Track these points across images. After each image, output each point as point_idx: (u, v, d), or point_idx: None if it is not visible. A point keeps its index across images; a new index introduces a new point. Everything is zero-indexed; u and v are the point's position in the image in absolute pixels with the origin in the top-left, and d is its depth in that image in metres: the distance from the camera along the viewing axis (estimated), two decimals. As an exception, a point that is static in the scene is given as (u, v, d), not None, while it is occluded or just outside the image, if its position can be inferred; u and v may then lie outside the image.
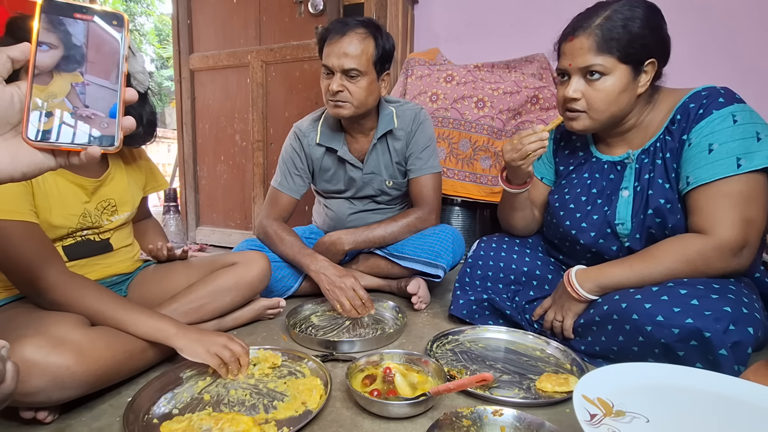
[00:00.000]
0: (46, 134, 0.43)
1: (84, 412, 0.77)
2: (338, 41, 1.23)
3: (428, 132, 1.41)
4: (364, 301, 1.16)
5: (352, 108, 1.27)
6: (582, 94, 0.97)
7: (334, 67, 1.23)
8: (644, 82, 0.96)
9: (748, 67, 1.83)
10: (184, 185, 2.55)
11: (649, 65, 0.94)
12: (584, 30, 0.94)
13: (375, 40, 1.25)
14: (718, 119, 0.90)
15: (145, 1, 12.31)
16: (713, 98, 0.92)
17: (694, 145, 0.92)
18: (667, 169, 0.97)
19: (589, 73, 0.95)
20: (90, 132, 0.45)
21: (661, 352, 0.84)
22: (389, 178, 1.44)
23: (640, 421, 0.58)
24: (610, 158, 1.08)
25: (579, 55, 0.95)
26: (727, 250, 0.86)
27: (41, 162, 0.44)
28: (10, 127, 0.43)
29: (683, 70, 1.85)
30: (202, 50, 2.39)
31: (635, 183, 1.02)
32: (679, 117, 0.96)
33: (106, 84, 0.46)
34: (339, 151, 1.40)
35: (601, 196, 1.08)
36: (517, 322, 1.11)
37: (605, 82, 0.94)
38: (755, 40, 1.82)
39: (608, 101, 0.96)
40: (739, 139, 0.87)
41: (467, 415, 0.71)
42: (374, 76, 1.27)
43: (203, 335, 0.87)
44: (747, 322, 0.78)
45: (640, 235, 1.00)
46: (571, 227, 1.09)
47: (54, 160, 0.45)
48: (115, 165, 1.04)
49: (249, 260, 1.18)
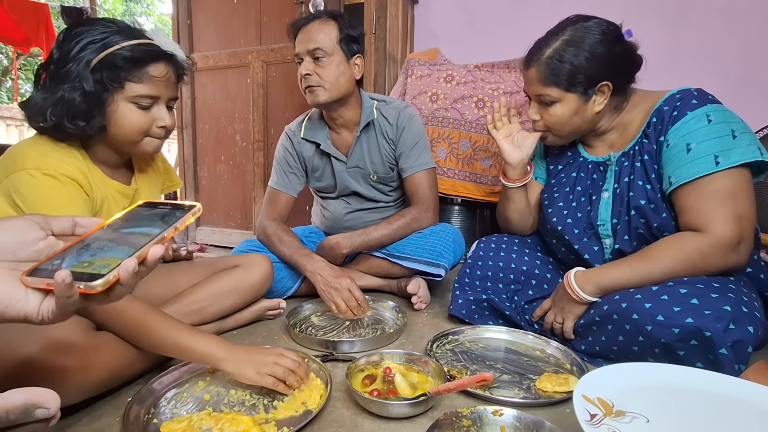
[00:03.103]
0: (41, 272, 0.40)
1: (84, 412, 0.77)
2: (304, 29, 1.29)
3: (415, 129, 1.41)
4: (360, 303, 1.16)
5: (325, 92, 1.29)
6: (540, 116, 1.08)
7: (301, 53, 1.28)
8: (600, 101, 1.02)
9: (746, 68, 1.83)
10: (185, 185, 2.55)
11: (604, 87, 0.99)
12: (535, 63, 1.03)
13: (337, 23, 1.29)
14: (692, 120, 0.93)
15: (145, 1, 12.32)
16: (686, 100, 0.95)
17: (672, 146, 0.94)
18: (647, 171, 1.00)
19: (541, 100, 1.05)
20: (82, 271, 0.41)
21: (662, 352, 0.84)
22: (374, 172, 1.44)
23: (640, 421, 0.58)
24: (595, 158, 1.12)
25: (532, 84, 1.06)
26: (725, 247, 0.87)
27: (20, 299, 0.40)
28: (12, 258, 0.42)
29: (682, 70, 1.86)
30: (203, 50, 2.39)
31: (615, 185, 1.05)
32: (655, 120, 0.99)
33: (131, 248, 0.43)
34: (322, 145, 1.41)
35: (585, 194, 1.11)
36: (517, 322, 1.11)
37: (556, 108, 1.04)
38: (754, 41, 1.82)
39: (562, 123, 1.06)
40: (715, 137, 0.90)
41: (467, 415, 0.71)
42: (342, 57, 1.29)
43: (252, 356, 0.82)
44: (747, 320, 0.78)
45: (628, 237, 1.02)
46: (557, 224, 1.12)
47: (39, 300, 0.40)
48: (139, 171, 1.04)
49: (251, 263, 1.18)
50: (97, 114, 0.84)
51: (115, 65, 0.82)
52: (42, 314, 0.40)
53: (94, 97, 0.82)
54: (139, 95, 0.86)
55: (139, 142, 0.91)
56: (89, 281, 0.39)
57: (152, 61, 0.86)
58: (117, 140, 0.89)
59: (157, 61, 0.87)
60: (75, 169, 0.84)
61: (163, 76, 0.88)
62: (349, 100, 1.36)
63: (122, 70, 0.83)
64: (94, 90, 0.82)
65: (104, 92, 0.83)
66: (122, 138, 0.89)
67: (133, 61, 0.83)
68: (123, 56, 0.82)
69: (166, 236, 0.45)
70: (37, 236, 0.44)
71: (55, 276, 0.38)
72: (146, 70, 0.85)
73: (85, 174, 0.86)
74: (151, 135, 0.91)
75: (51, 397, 0.40)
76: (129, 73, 0.84)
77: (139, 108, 0.87)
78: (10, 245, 0.42)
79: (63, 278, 0.38)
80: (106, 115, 0.85)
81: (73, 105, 0.81)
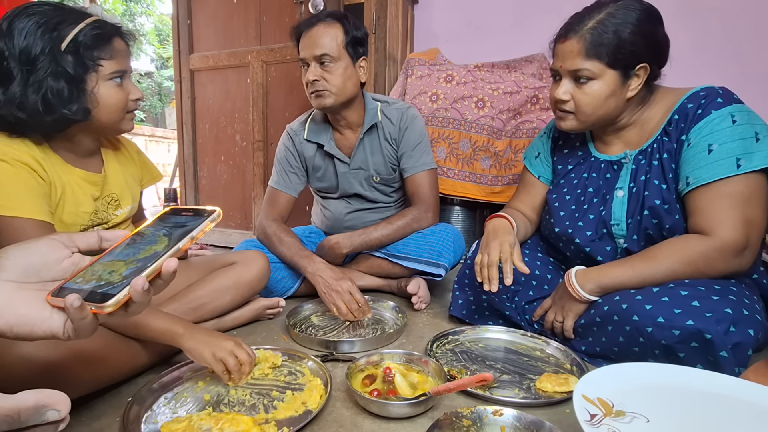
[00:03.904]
0: (63, 291, 0.42)
1: (84, 412, 0.77)
2: (308, 33, 1.27)
3: (418, 129, 1.41)
4: (361, 305, 1.16)
5: (332, 96, 1.28)
6: (571, 95, 0.99)
7: (308, 58, 1.27)
8: (635, 86, 0.96)
9: (751, 66, 1.83)
10: (184, 185, 2.55)
11: (641, 69, 0.94)
12: (575, 33, 0.95)
13: (343, 26, 1.28)
14: (717, 119, 0.90)
15: (145, 1, 12.31)
16: (711, 98, 0.92)
17: (693, 145, 0.92)
18: (665, 170, 0.97)
19: (578, 76, 0.96)
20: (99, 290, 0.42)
21: (662, 354, 0.83)
22: (376, 174, 1.44)
23: (640, 421, 0.58)
24: (608, 157, 1.08)
25: (569, 58, 0.96)
26: (729, 251, 0.86)
27: (46, 319, 0.42)
28: (37, 279, 0.43)
29: (686, 68, 1.86)
30: (202, 50, 2.39)
31: (630, 183, 1.02)
32: (677, 117, 0.96)
33: (147, 263, 0.44)
34: (326, 146, 1.41)
35: (597, 195, 1.08)
36: (517, 322, 1.11)
37: (593, 86, 0.96)
38: (757, 39, 1.82)
39: (595, 105, 0.97)
40: (738, 139, 0.87)
41: (467, 415, 0.71)
42: (348, 61, 1.29)
43: (212, 338, 0.86)
44: (748, 323, 0.78)
45: (637, 236, 1.00)
46: (568, 227, 1.09)
47: (63, 318, 0.42)
48: (108, 159, 1.03)
49: (248, 260, 1.18)
50: (83, 98, 0.85)
51: (87, 45, 0.83)
52: (68, 332, 0.42)
53: (79, 80, 0.83)
54: (113, 71, 0.88)
55: (121, 120, 0.93)
56: (102, 302, 0.41)
57: (114, 35, 0.88)
58: (101, 121, 0.90)
59: (117, 35, 0.89)
60: (25, 154, 0.83)
61: (124, 49, 0.90)
62: (354, 102, 1.36)
63: (95, 49, 0.84)
64: (76, 73, 0.82)
65: (85, 74, 0.84)
66: (107, 118, 0.89)
67: (102, 38, 0.85)
68: (92, 35, 0.84)
69: (182, 247, 0.46)
70: (60, 256, 0.45)
71: (65, 300, 0.40)
72: (113, 46, 0.87)
73: (37, 159, 0.85)
74: (128, 110, 0.93)
75: (61, 399, 0.40)
76: (101, 51, 0.85)
77: (116, 85, 0.89)
78: (35, 266, 0.43)
79: (71, 302, 0.39)
80: (90, 98, 0.86)
81: (63, 93, 0.81)
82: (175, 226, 0.48)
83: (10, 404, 0.37)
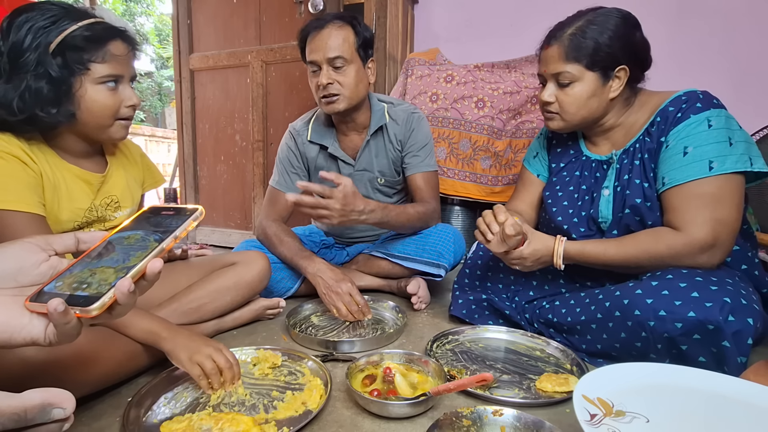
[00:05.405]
0: (42, 296, 0.40)
1: (84, 412, 0.77)
2: (318, 35, 1.24)
3: (425, 131, 1.41)
4: (360, 306, 1.16)
5: (345, 100, 1.27)
6: (555, 97, 1.06)
7: (320, 61, 1.25)
8: (616, 87, 1.01)
9: (747, 68, 1.83)
10: (184, 185, 2.55)
11: (620, 71, 0.99)
12: (557, 40, 1.02)
13: (353, 28, 1.27)
14: (694, 123, 0.94)
15: (145, 1, 12.31)
16: (691, 103, 0.95)
17: (670, 147, 0.96)
18: (645, 169, 1.01)
19: (560, 79, 1.02)
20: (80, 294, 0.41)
21: (664, 348, 0.84)
22: (380, 176, 1.44)
23: (640, 421, 0.58)
24: (598, 157, 1.12)
25: (551, 63, 1.03)
26: (696, 248, 0.89)
27: (26, 325, 0.40)
28: (14, 284, 0.42)
29: (682, 71, 1.86)
30: (202, 50, 2.39)
31: (615, 183, 1.06)
32: (659, 119, 1.00)
33: (130, 264, 0.43)
34: (330, 148, 1.40)
35: (588, 193, 1.12)
36: (517, 322, 1.11)
37: (575, 87, 1.02)
38: (754, 41, 1.82)
39: (578, 105, 1.03)
40: (713, 143, 0.91)
41: (467, 415, 0.71)
42: (360, 64, 1.28)
43: (191, 341, 0.83)
44: (746, 312, 0.79)
45: (617, 232, 1.04)
46: (563, 222, 1.12)
47: (44, 324, 0.41)
48: (113, 161, 1.03)
49: (248, 260, 1.18)
50: (65, 100, 0.83)
51: (76, 47, 0.82)
52: (49, 337, 0.41)
53: (61, 82, 0.82)
54: (105, 75, 0.86)
55: (109, 127, 0.90)
56: (86, 305, 0.39)
57: (110, 39, 0.86)
58: (87, 126, 0.88)
59: (115, 39, 0.87)
60: (15, 147, 0.82)
61: (123, 54, 0.88)
62: (362, 104, 1.36)
63: (84, 51, 0.83)
64: (60, 75, 0.81)
65: (71, 77, 0.83)
66: (93, 123, 0.88)
67: (93, 41, 0.83)
68: (83, 36, 0.82)
69: (166, 247, 0.45)
70: (37, 259, 0.44)
71: (48, 305, 0.38)
72: (107, 49, 0.85)
73: (28, 153, 0.84)
74: (120, 117, 0.91)
75: (67, 397, 0.40)
76: (92, 54, 0.84)
77: (107, 90, 0.87)
78: (10, 272, 0.42)
79: (55, 307, 0.38)
80: (74, 100, 0.84)
81: (41, 93, 0.80)
82: (157, 226, 0.48)
83: (17, 403, 0.37)
